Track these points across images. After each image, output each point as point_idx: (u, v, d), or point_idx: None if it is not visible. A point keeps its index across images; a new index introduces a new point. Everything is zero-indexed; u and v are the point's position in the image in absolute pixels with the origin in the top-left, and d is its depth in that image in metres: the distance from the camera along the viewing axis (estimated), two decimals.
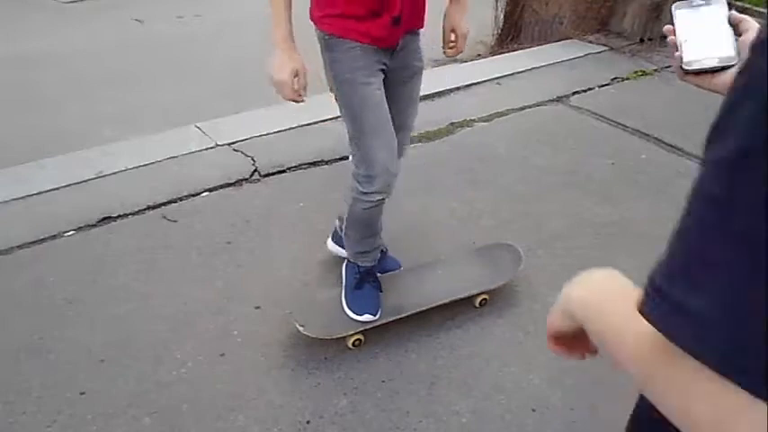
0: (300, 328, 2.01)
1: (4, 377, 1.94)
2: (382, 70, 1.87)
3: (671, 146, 3.38)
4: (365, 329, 2.05)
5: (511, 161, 3.20)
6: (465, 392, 1.91)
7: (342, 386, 1.93)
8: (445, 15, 1.98)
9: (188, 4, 6.03)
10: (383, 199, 1.95)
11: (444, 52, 2.03)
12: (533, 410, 1.86)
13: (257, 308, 2.22)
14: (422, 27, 1.93)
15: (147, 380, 1.94)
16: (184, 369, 1.98)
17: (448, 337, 2.12)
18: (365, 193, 1.92)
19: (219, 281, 2.34)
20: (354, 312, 2.06)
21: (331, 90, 1.91)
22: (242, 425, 1.80)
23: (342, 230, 2.20)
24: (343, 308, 2.08)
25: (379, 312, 2.07)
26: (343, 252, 2.29)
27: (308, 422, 1.81)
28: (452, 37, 1.97)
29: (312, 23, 1.86)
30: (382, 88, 1.87)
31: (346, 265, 2.19)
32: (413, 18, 1.84)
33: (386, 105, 1.88)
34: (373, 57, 1.82)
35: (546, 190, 2.95)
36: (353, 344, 2.05)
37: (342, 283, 2.15)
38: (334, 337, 2.03)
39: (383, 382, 1.95)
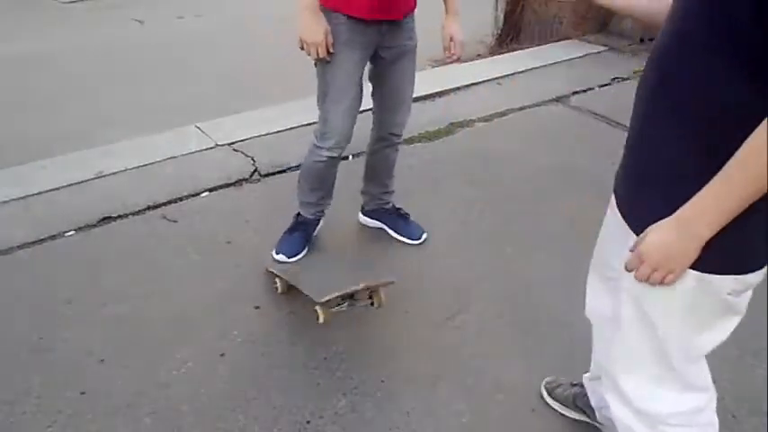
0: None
1: (4, 377, 1.94)
2: (369, 47, 2.09)
3: None
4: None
5: (511, 161, 3.20)
6: (465, 392, 1.91)
7: (342, 386, 1.93)
8: (443, 26, 2.19)
9: (188, 4, 6.04)
10: (334, 159, 2.23)
11: (445, 59, 2.26)
12: (533, 410, 1.86)
13: (257, 308, 2.22)
14: (403, 15, 2.11)
15: (147, 380, 1.94)
16: (184, 369, 1.98)
17: (448, 337, 2.12)
18: (318, 147, 2.23)
19: (219, 281, 2.34)
20: (274, 250, 2.40)
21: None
22: (242, 425, 1.80)
23: (367, 204, 2.60)
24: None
25: (295, 258, 2.39)
26: (373, 223, 2.61)
27: (308, 422, 1.81)
28: (450, 44, 2.18)
29: None
30: (360, 64, 2.11)
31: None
32: (397, 3, 2.06)
33: (357, 78, 2.12)
34: (359, 32, 2.03)
35: (546, 190, 2.95)
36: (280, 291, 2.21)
37: None
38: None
39: (383, 382, 1.95)
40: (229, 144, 3.27)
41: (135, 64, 4.65)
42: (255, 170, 3.04)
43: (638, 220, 1.14)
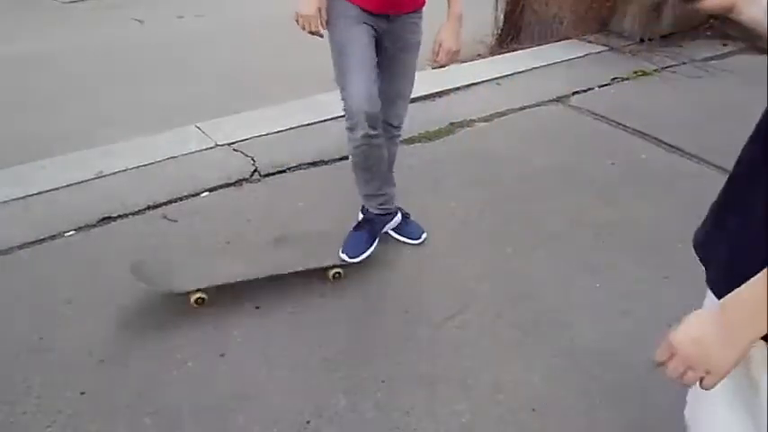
0: (144, 284, 2.17)
1: (4, 377, 1.94)
2: (375, 29, 2.10)
3: (671, 146, 3.38)
4: (206, 288, 2.18)
5: (511, 161, 3.20)
6: (465, 392, 1.91)
7: (342, 386, 1.93)
8: (438, 30, 2.14)
9: (188, 4, 6.04)
10: (370, 137, 2.12)
11: (432, 62, 2.19)
12: (533, 410, 1.86)
13: (257, 308, 2.22)
14: (411, 10, 2.13)
15: (147, 380, 1.94)
16: (184, 369, 1.98)
17: (448, 337, 2.12)
18: (350, 129, 2.14)
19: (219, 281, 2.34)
20: (340, 249, 2.32)
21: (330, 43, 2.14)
22: (242, 425, 1.80)
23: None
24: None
25: (358, 258, 2.31)
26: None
27: (307, 422, 1.81)
28: (437, 50, 2.12)
29: None
30: (371, 39, 2.10)
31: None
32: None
33: (371, 52, 2.10)
34: (365, 16, 2.07)
35: (546, 190, 2.95)
36: (196, 301, 2.16)
37: None
38: (177, 292, 2.17)
39: (383, 382, 1.95)
40: (229, 144, 3.27)
41: (135, 64, 4.65)
42: (255, 170, 3.04)
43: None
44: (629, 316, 2.22)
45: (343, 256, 2.30)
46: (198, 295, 2.17)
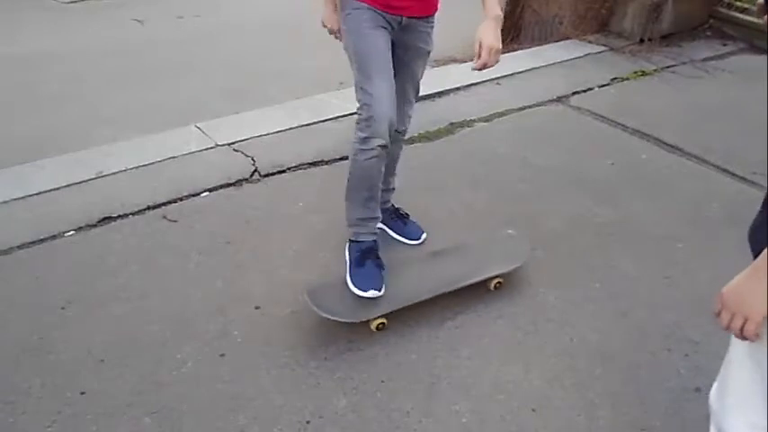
0: (323, 314, 2.05)
1: (4, 377, 1.94)
2: (386, 30, 2.08)
3: (671, 146, 3.38)
4: (388, 313, 2.11)
5: (511, 161, 3.20)
6: (465, 392, 1.91)
7: (342, 386, 1.93)
8: (477, 29, 1.95)
9: (188, 4, 6.03)
10: (383, 148, 2.05)
11: (474, 65, 1.96)
12: (533, 410, 1.86)
13: (257, 308, 2.22)
14: (426, 14, 2.12)
15: (147, 380, 1.94)
16: (184, 369, 1.98)
17: (448, 337, 2.12)
18: (365, 139, 2.04)
19: (219, 281, 2.34)
20: (359, 289, 2.12)
21: (345, 49, 2.13)
22: (242, 425, 1.80)
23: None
24: (348, 286, 2.14)
25: (383, 288, 2.13)
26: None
27: (307, 422, 1.81)
28: (477, 48, 1.92)
29: None
30: (388, 42, 2.08)
31: (348, 245, 2.28)
32: (418, 3, 2.06)
33: (389, 56, 2.08)
34: (380, 18, 2.05)
35: (546, 190, 2.95)
36: (377, 327, 2.10)
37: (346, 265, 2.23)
38: (359, 320, 2.08)
39: (383, 382, 1.95)
40: (229, 144, 3.27)
41: (135, 64, 4.65)
42: (255, 170, 3.04)
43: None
44: (629, 316, 2.22)
45: (371, 293, 2.10)
46: (380, 321, 2.10)
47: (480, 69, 1.92)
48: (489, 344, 2.10)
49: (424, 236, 2.55)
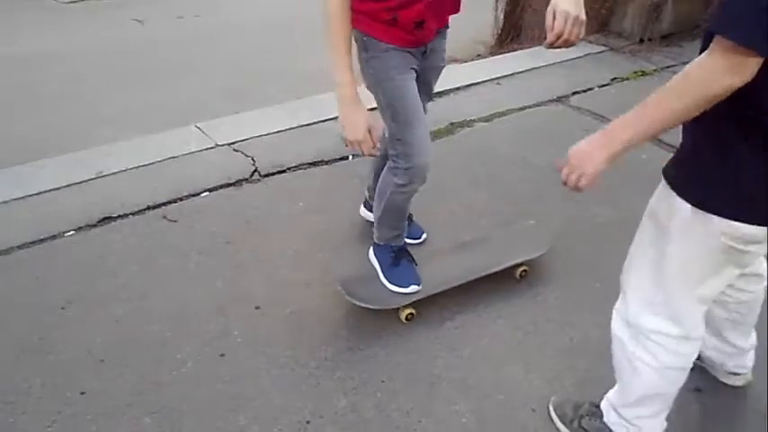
0: (355, 301, 2.10)
1: (4, 377, 1.94)
2: (414, 69, 1.97)
3: (671, 146, 3.35)
4: (416, 302, 2.15)
5: (511, 161, 3.20)
6: (465, 392, 1.91)
7: (342, 386, 1.93)
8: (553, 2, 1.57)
9: (188, 4, 6.04)
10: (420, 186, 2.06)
11: (550, 41, 1.61)
12: (533, 410, 1.86)
13: (257, 308, 2.22)
14: (445, 24, 2.03)
15: (147, 380, 1.94)
16: (184, 369, 1.98)
17: (448, 337, 2.12)
18: (405, 185, 2.02)
19: (219, 281, 2.34)
20: (399, 286, 2.16)
21: (368, 88, 1.98)
22: (242, 425, 1.80)
23: (371, 199, 2.40)
24: (386, 287, 2.18)
25: (421, 283, 2.17)
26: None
27: (307, 422, 1.81)
28: (551, 22, 1.55)
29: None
30: (415, 84, 1.98)
31: (376, 248, 2.27)
32: (437, 19, 1.93)
33: (420, 100, 1.98)
34: (406, 57, 1.92)
35: (546, 190, 2.95)
36: (407, 318, 2.15)
37: (375, 267, 2.25)
38: (391, 307, 2.13)
39: (383, 382, 1.95)
40: (229, 144, 3.27)
41: (135, 64, 4.65)
42: (255, 170, 3.04)
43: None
44: None
45: (412, 288, 2.15)
46: (409, 311, 2.15)
47: (554, 45, 1.56)
48: (489, 344, 2.10)
49: (424, 236, 2.55)
